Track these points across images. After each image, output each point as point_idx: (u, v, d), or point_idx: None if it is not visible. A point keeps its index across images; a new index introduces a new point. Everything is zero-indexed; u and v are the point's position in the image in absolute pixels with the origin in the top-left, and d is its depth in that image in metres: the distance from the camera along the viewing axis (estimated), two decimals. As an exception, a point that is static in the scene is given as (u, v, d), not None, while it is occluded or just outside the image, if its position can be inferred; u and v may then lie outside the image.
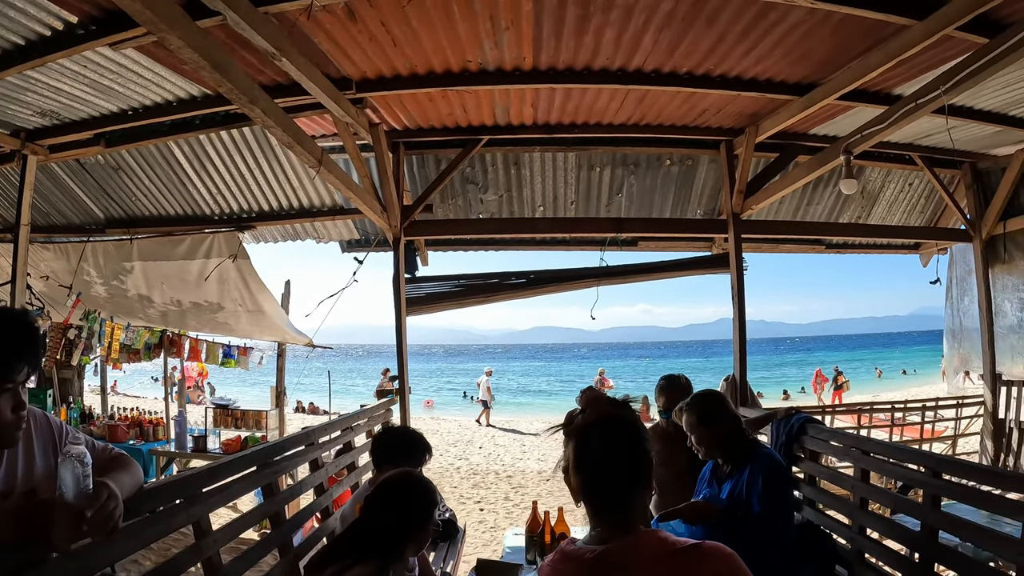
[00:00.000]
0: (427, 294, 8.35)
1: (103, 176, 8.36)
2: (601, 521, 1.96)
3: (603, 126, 7.39)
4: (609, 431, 2.01)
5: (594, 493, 1.98)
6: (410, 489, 3.02)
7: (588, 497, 1.99)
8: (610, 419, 2.05)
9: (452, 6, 4.68)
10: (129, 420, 10.73)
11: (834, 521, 4.49)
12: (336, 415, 7.26)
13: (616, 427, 2.02)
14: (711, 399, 4.15)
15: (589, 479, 1.98)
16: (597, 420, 2.05)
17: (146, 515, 2.61)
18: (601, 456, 1.98)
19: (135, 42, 4.86)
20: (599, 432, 2.00)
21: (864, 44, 5.34)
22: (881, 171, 9.16)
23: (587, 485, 1.98)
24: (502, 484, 13.82)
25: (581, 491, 2.00)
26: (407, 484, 3.06)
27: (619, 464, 1.97)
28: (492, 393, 29.10)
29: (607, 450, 1.97)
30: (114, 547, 2.26)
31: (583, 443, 2.02)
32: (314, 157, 5.38)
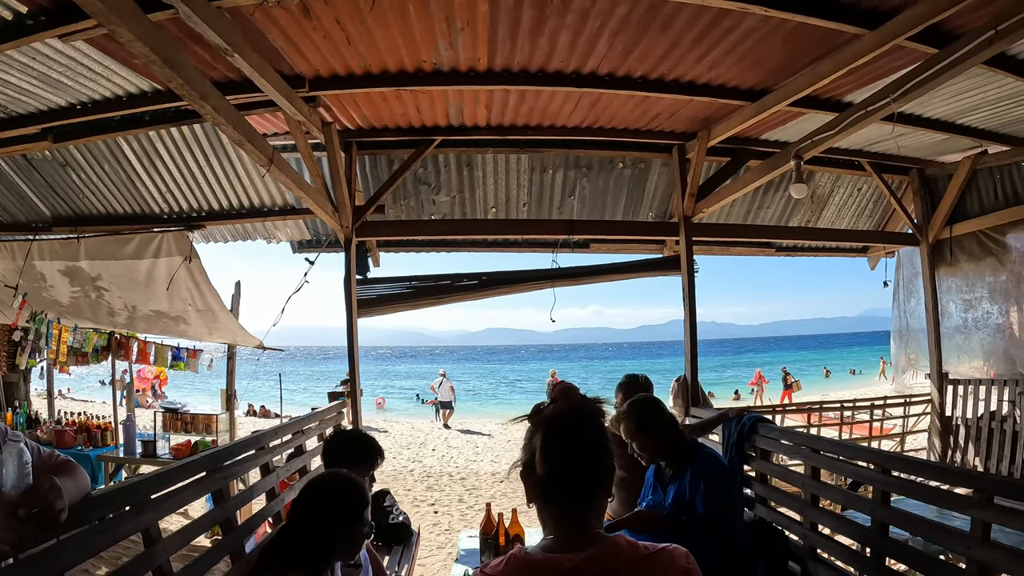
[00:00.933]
0: (379, 295, 8.32)
1: (50, 172, 8.17)
2: (564, 524, 1.86)
3: (556, 128, 7.41)
4: (582, 423, 1.92)
5: (559, 489, 1.86)
6: (333, 492, 2.94)
7: (552, 494, 1.87)
8: (583, 411, 1.96)
9: (408, 5, 4.66)
10: (77, 425, 10.51)
11: (786, 518, 4.54)
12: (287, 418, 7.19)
13: (589, 420, 1.93)
14: (647, 405, 4.18)
15: (556, 472, 1.85)
16: (570, 411, 1.96)
17: (94, 523, 2.55)
18: (571, 448, 1.87)
19: (85, 34, 4.76)
20: (572, 423, 1.91)
21: (816, 52, 5.42)
22: (831, 176, 9.32)
23: (553, 480, 1.85)
24: (456, 486, 13.77)
25: (544, 487, 1.87)
26: (330, 487, 2.98)
27: (589, 459, 1.88)
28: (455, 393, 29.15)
29: (579, 442, 1.88)
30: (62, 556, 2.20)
31: (554, 432, 1.90)
32: (265, 156, 5.31)
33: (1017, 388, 7.79)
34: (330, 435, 4.86)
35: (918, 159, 8.84)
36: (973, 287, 8.94)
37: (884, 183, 9.00)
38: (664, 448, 4.07)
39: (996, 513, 2.86)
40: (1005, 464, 7.72)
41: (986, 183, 8.54)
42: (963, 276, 9.03)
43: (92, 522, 2.53)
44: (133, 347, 11.19)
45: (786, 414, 11.65)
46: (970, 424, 8.48)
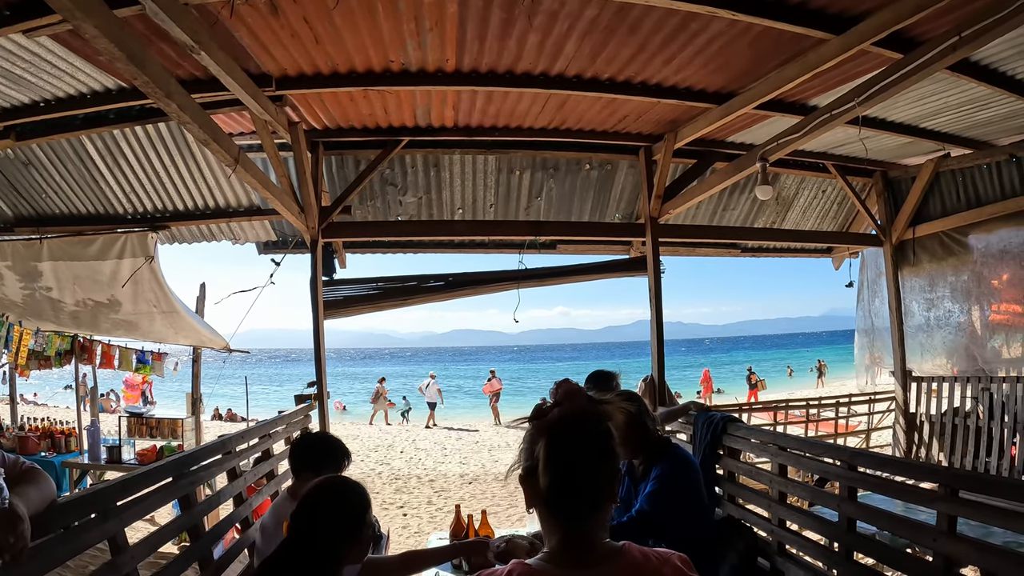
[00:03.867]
0: (345, 297, 8.28)
1: (12, 172, 8.04)
2: (570, 536, 1.74)
3: (524, 130, 7.43)
4: (591, 427, 1.79)
5: (565, 501, 1.73)
6: (334, 498, 2.86)
7: (557, 505, 1.75)
8: (591, 415, 1.83)
9: (376, 5, 4.64)
10: (40, 431, 10.34)
11: (755, 515, 4.57)
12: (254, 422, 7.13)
13: (596, 426, 1.79)
14: (638, 402, 4.21)
15: (562, 484, 1.72)
16: (576, 416, 1.82)
17: (60, 531, 2.51)
18: (581, 454, 1.74)
19: (50, 30, 4.68)
20: (579, 431, 1.78)
21: (782, 56, 5.48)
22: (796, 178, 9.43)
23: (559, 491, 1.73)
24: (424, 488, 13.74)
25: (549, 497, 1.74)
26: (330, 493, 2.89)
27: (598, 466, 1.75)
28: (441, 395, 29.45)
29: (589, 448, 1.75)
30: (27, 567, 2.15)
31: (560, 442, 1.76)
32: (231, 155, 5.26)
33: (980, 384, 7.92)
34: (296, 438, 4.83)
35: (882, 162, 8.97)
36: (935, 286, 9.09)
37: (848, 185, 9.13)
38: (642, 446, 4.13)
39: (961, 506, 2.91)
40: (969, 459, 7.86)
41: (948, 185, 8.69)
42: (926, 276, 9.18)
43: (57, 531, 2.48)
44: (97, 350, 11.03)
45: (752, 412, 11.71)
46: (934, 420, 8.62)
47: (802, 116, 6.25)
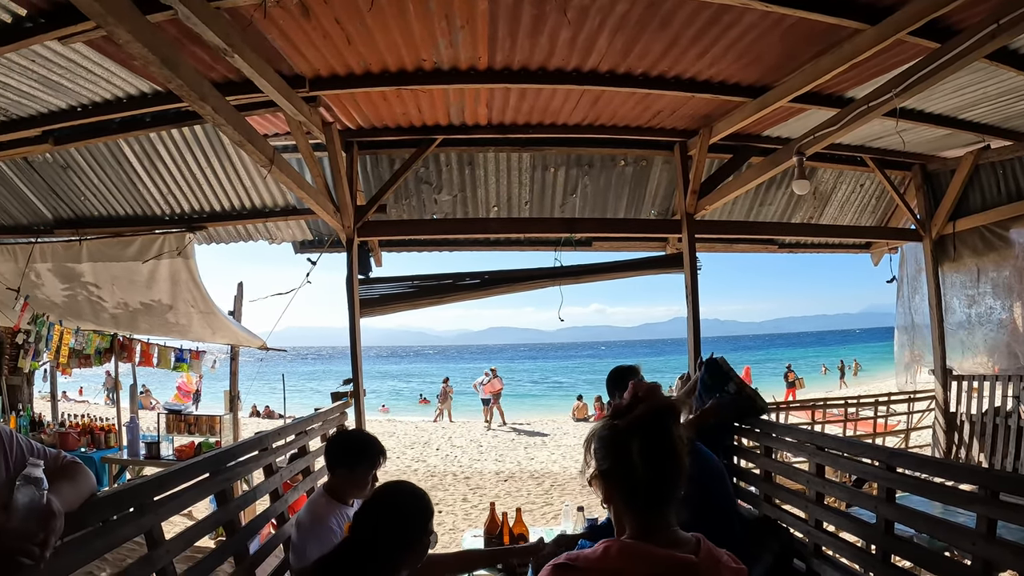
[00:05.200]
0: (381, 295, 8.29)
1: (51, 175, 8.17)
2: (655, 523, 1.86)
3: (558, 126, 7.41)
4: (676, 421, 1.93)
5: (659, 493, 1.86)
6: (400, 503, 2.88)
7: (649, 497, 1.86)
8: (674, 410, 1.95)
9: (407, 4, 4.65)
10: (80, 427, 10.51)
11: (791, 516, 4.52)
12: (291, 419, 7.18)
13: (679, 419, 1.95)
14: None
15: (659, 477, 1.85)
16: (664, 408, 1.93)
17: (98, 525, 2.54)
18: (672, 452, 1.87)
19: (84, 36, 4.75)
20: (669, 421, 1.90)
21: (817, 47, 5.41)
22: (833, 172, 9.31)
23: (654, 484, 1.85)
24: (460, 486, 13.78)
25: (642, 491, 1.86)
26: (396, 498, 2.92)
27: (682, 456, 1.89)
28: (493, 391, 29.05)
29: (678, 442, 1.88)
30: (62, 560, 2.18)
31: (656, 432, 1.87)
32: (266, 156, 5.30)
33: (1021, 383, 7.78)
34: (332, 435, 4.85)
35: (921, 154, 8.83)
36: (976, 282, 8.92)
37: (887, 179, 8.99)
38: None
39: (1001, 509, 2.84)
40: (1010, 460, 7.71)
41: (988, 178, 8.53)
42: (966, 272, 9.02)
43: (96, 524, 2.51)
44: (136, 349, 11.18)
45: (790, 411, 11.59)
46: (974, 420, 8.47)
47: (838, 108, 6.16)
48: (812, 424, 10.73)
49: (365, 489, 3.90)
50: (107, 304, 9.70)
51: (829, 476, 4.34)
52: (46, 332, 9.98)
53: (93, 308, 9.86)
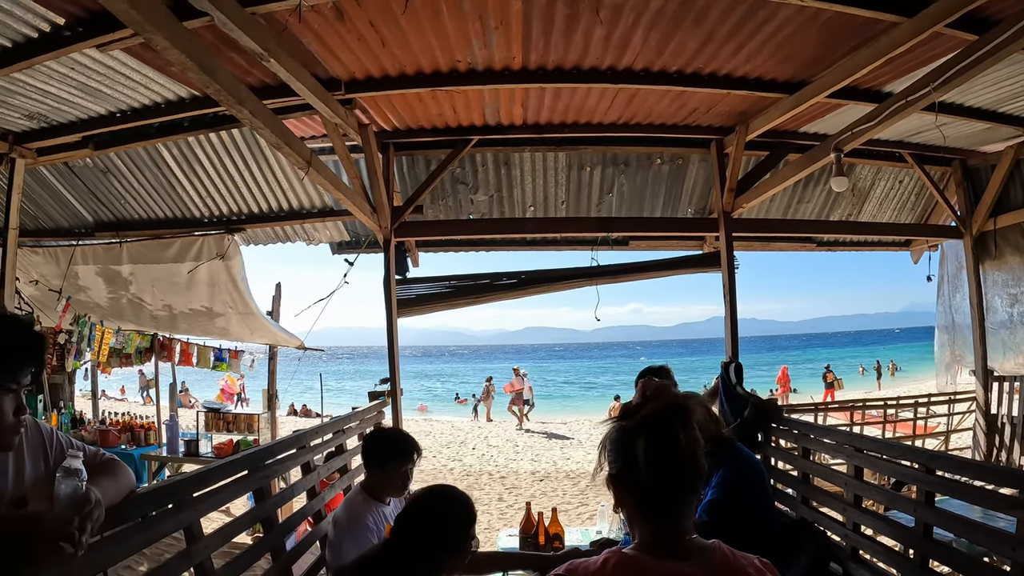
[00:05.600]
0: (418, 295, 8.33)
1: (92, 179, 8.33)
2: (664, 529, 1.76)
3: (593, 125, 7.38)
4: (686, 421, 1.80)
5: (666, 496, 1.75)
6: (443, 506, 2.88)
7: (656, 500, 1.76)
8: (683, 410, 1.83)
9: (441, 6, 4.67)
10: (120, 425, 10.66)
11: (828, 519, 4.47)
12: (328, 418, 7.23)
13: (690, 419, 1.81)
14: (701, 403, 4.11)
15: (665, 479, 1.74)
16: (673, 408, 1.83)
17: (137, 520, 2.58)
18: (679, 453, 1.76)
19: (122, 43, 4.83)
20: (677, 422, 1.78)
21: (853, 42, 5.34)
22: (871, 168, 9.19)
23: (660, 486, 1.74)
24: (496, 485, 13.78)
25: (649, 493, 1.76)
26: (440, 501, 2.91)
27: (694, 463, 1.78)
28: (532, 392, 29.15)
29: (685, 446, 1.76)
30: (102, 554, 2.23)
31: (661, 433, 1.77)
32: (303, 158, 5.36)
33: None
34: (367, 433, 4.88)
35: (960, 149, 8.66)
36: (1019, 281, 8.76)
37: (926, 175, 8.85)
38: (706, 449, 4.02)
39: (1043, 514, 2.80)
40: (1053, 463, 7.58)
41: (1030, 173, 8.37)
42: (1008, 270, 8.85)
43: (135, 519, 2.56)
44: (176, 348, 11.34)
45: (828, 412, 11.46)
46: (1016, 422, 8.33)
47: (876, 103, 6.05)
48: (851, 425, 10.59)
49: (400, 487, 3.93)
50: (147, 305, 9.87)
51: (867, 478, 4.29)
52: (88, 332, 10.17)
53: (134, 309, 10.04)
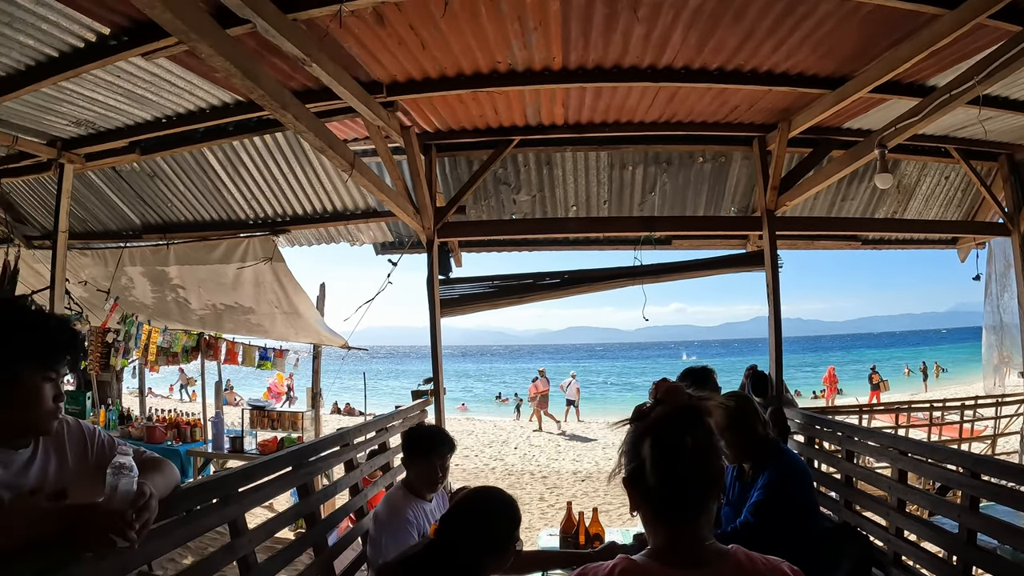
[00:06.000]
0: (461, 295, 8.37)
1: (139, 183, 8.50)
2: (677, 535, 1.69)
3: (634, 124, 7.35)
4: (695, 424, 1.73)
5: (674, 500, 1.69)
6: (489, 507, 2.90)
7: (665, 505, 1.70)
8: (693, 412, 1.77)
9: (479, 8, 4.69)
10: (167, 422, 10.86)
11: (871, 523, 4.42)
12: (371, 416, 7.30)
13: (700, 422, 1.75)
14: (742, 403, 4.10)
15: (670, 482, 1.68)
16: (680, 410, 1.77)
17: (182, 514, 2.64)
18: (685, 456, 1.67)
19: (167, 51, 4.95)
20: (684, 427, 1.71)
21: (894, 35, 5.26)
22: (916, 164, 9.02)
23: (666, 490, 1.68)
24: (537, 485, 13.80)
25: (656, 497, 1.70)
26: (486, 502, 2.94)
27: (703, 466, 1.69)
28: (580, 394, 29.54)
29: (694, 446, 1.68)
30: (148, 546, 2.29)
31: (665, 439, 1.71)
32: (346, 161, 5.43)
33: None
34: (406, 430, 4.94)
35: (1006, 143, 8.45)
36: (1069, 279, 8.59)
37: (972, 170, 8.67)
38: (749, 449, 4.01)
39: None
40: (1103, 468, 7.42)
41: (1080, 167, 8.19)
42: (1058, 267, 8.68)
43: (180, 513, 2.62)
44: (222, 347, 11.51)
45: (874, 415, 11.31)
46: (1065, 426, 8.16)
47: (920, 98, 5.95)
48: (896, 428, 10.42)
49: (435, 481, 3.98)
50: (193, 305, 10.04)
51: (912, 482, 4.24)
52: (135, 331, 10.38)
53: (180, 309, 10.24)
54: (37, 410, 2.17)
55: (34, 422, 2.19)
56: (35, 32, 4.76)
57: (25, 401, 2.15)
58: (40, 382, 2.16)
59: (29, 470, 2.23)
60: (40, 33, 4.77)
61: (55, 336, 2.21)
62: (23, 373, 2.14)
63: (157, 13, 3.15)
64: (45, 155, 7.11)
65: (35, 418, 2.18)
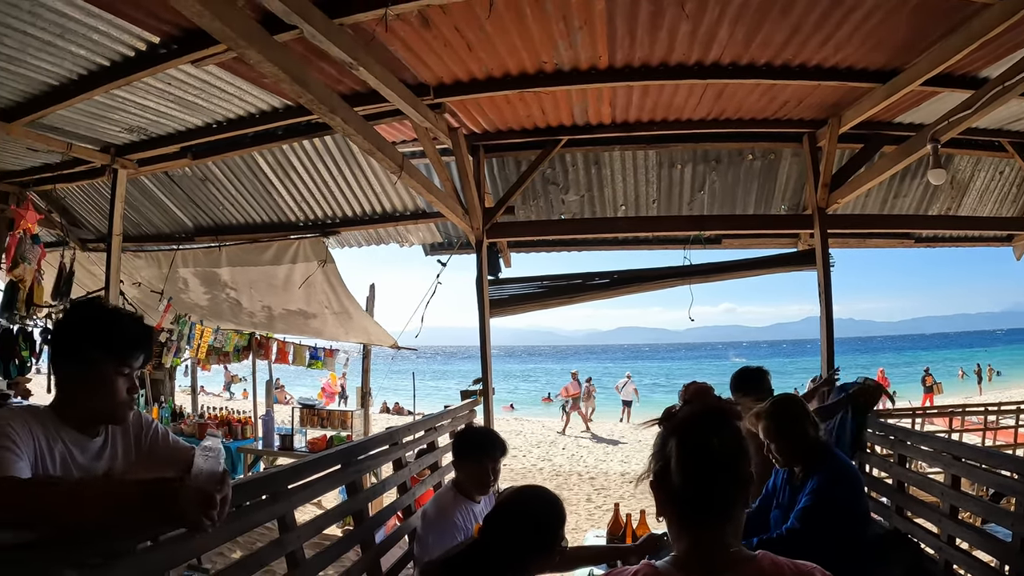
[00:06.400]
0: (510, 295, 8.39)
1: (191, 187, 8.67)
2: (701, 540, 1.66)
3: (682, 122, 7.31)
4: (720, 427, 1.70)
5: (697, 502, 1.65)
6: (534, 507, 2.87)
7: (689, 507, 1.67)
8: (720, 413, 1.75)
9: (524, 8, 4.70)
10: (218, 419, 11.03)
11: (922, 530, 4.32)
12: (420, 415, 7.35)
13: (727, 424, 1.72)
14: (791, 405, 3.98)
15: (694, 484, 1.65)
16: (707, 411, 1.76)
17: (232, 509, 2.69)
18: (710, 457, 1.65)
19: (216, 58, 5.04)
20: (709, 428, 1.69)
21: (944, 26, 5.14)
22: (970, 159, 8.79)
23: (690, 492, 1.65)
24: (584, 486, 13.80)
25: (680, 499, 1.67)
26: (528, 506, 2.90)
27: (728, 469, 1.66)
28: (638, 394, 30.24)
29: (720, 448, 1.66)
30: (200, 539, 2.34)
31: (690, 439, 1.69)
32: (395, 163, 5.48)
33: None
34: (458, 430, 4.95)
35: (1063, 137, 8.28)
36: None
37: (1028, 165, 8.49)
38: (800, 453, 3.87)
39: None
40: None
41: None
42: (1117, 265, 8.43)
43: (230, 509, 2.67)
44: (272, 347, 11.70)
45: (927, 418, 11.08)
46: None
47: (972, 90, 5.82)
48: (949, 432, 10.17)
49: (486, 483, 3.98)
50: (245, 305, 10.19)
51: (965, 489, 4.14)
52: (188, 331, 10.59)
53: (232, 309, 10.41)
54: (112, 401, 2.34)
55: (110, 412, 2.38)
56: (86, 43, 4.89)
57: (102, 392, 2.32)
58: (115, 375, 2.32)
59: (101, 456, 2.41)
60: (91, 44, 4.90)
61: (129, 332, 2.39)
62: (100, 366, 2.31)
63: (206, 21, 3.22)
64: (99, 161, 7.29)
65: (111, 408, 2.36)
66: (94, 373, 2.31)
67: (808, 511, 3.60)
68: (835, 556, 3.13)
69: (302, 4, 3.96)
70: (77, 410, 2.33)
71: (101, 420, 2.39)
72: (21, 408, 2.33)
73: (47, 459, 2.22)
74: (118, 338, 2.35)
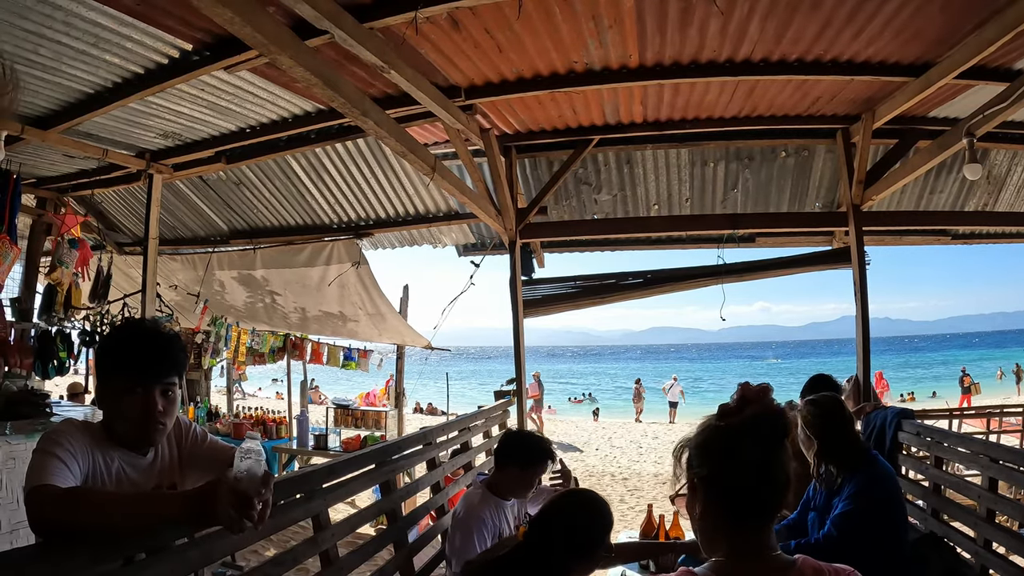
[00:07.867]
0: (544, 296, 8.39)
1: (225, 191, 8.78)
2: (745, 542, 1.66)
3: (714, 120, 7.26)
4: (779, 433, 1.69)
5: (750, 505, 1.65)
6: (581, 511, 2.86)
7: (739, 510, 1.66)
8: (780, 418, 1.71)
9: (553, 8, 4.69)
10: (253, 419, 11.19)
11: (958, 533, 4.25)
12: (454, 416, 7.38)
13: (784, 429, 1.70)
14: (829, 406, 3.91)
15: (752, 486, 1.64)
16: (769, 416, 1.71)
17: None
18: (770, 461, 1.65)
19: (248, 64, 5.10)
20: (772, 432, 1.68)
21: (978, 17, 5.04)
22: (1007, 153, 8.59)
23: (745, 494, 1.65)
24: (617, 486, 13.79)
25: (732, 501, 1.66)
26: (578, 506, 2.90)
27: (783, 473, 1.66)
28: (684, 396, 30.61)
29: (777, 454, 1.67)
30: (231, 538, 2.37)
31: (754, 441, 1.66)
32: (428, 164, 5.51)
33: None
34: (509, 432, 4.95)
35: (1102, 130, 8.13)
36: None
37: (1066, 158, 8.33)
38: (836, 454, 3.82)
39: None
40: None
41: None
42: None
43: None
44: (307, 348, 11.81)
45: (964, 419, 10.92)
46: None
47: (1008, 83, 5.74)
48: (987, 434, 10.00)
49: (525, 490, 3.99)
50: (281, 307, 10.30)
51: (1002, 491, 4.08)
52: (224, 332, 10.73)
53: (268, 311, 10.52)
54: (126, 419, 2.33)
55: (126, 431, 2.35)
56: (120, 51, 4.96)
57: (115, 411, 2.34)
58: (124, 393, 2.31)
59: (152, 471, 2.43)
60: (125, 52, 4.98)
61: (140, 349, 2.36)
62: (112, 385, 2.34)
63: (238, 28, 3.26)
64: (134, 166, 7.40)
65: (126, 427, 2.34)
66: (108, 391, 2.35)
67: (845, 517, 3.56)
68: (872, 563, 3.11)
69: (332, 9, 4.00)
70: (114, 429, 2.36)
71: (128, 439, 2.37)
72: (83, 423, 2.35)
73: (104, 475, 2.26)
74: (127, 356, 2.35)
